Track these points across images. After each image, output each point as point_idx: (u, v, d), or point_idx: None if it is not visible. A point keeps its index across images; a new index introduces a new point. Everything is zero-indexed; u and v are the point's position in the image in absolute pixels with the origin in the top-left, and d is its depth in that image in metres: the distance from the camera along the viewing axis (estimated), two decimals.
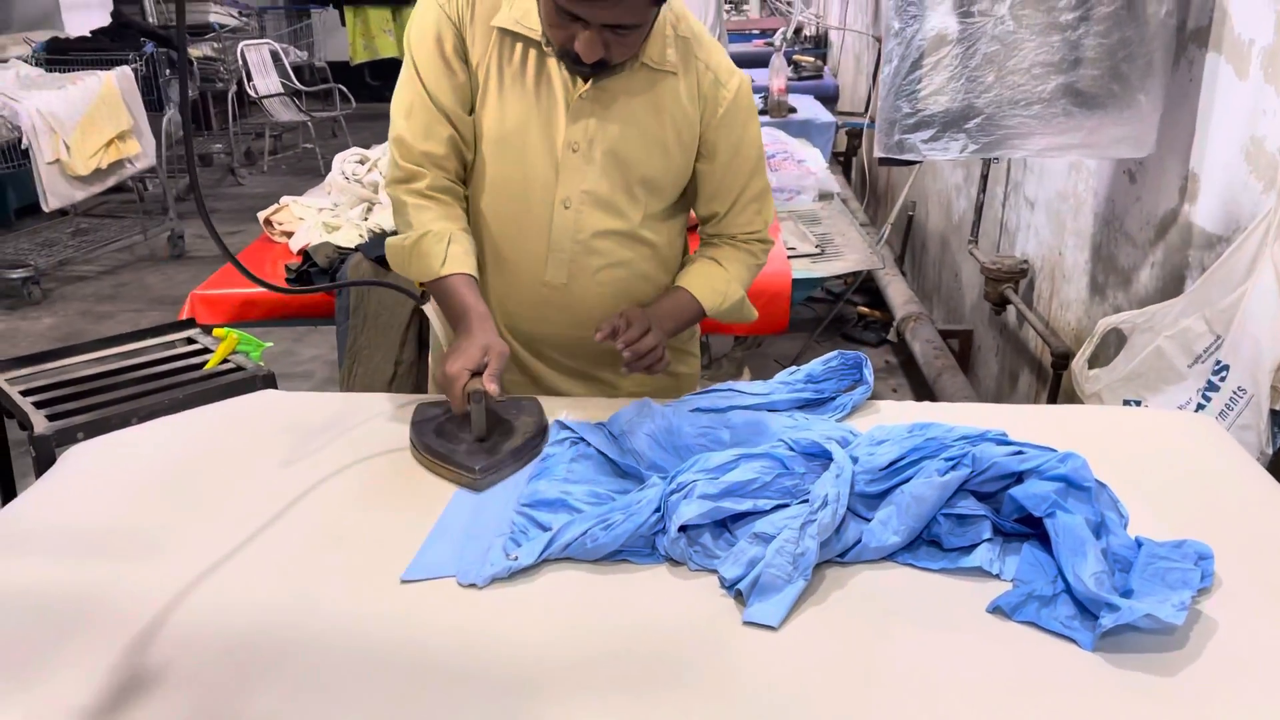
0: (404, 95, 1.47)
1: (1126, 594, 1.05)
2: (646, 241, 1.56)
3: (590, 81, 1.43)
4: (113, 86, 5.11)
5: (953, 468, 1.16)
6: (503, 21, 1.42)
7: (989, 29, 1.86)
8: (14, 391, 1.58)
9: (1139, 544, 1.11)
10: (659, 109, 1.47)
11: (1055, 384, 2.53)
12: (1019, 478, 1.15)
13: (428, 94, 1.44)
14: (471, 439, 1.30)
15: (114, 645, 1.00)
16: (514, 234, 1.52)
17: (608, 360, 1.59)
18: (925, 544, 1.16)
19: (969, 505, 1.15)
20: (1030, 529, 1.15)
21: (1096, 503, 1.13)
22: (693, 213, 1.65)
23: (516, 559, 1.11)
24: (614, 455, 1.31)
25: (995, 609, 1.05)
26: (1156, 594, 1.04)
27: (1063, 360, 2.45)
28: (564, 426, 1.37)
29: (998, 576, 1.11)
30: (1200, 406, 1.64)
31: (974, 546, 1.14)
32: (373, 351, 2.26)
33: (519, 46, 1.43)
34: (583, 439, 1.35)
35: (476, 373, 1.31)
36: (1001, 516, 1.16)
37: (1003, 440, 1.22)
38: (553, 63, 1.43)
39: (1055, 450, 1.17)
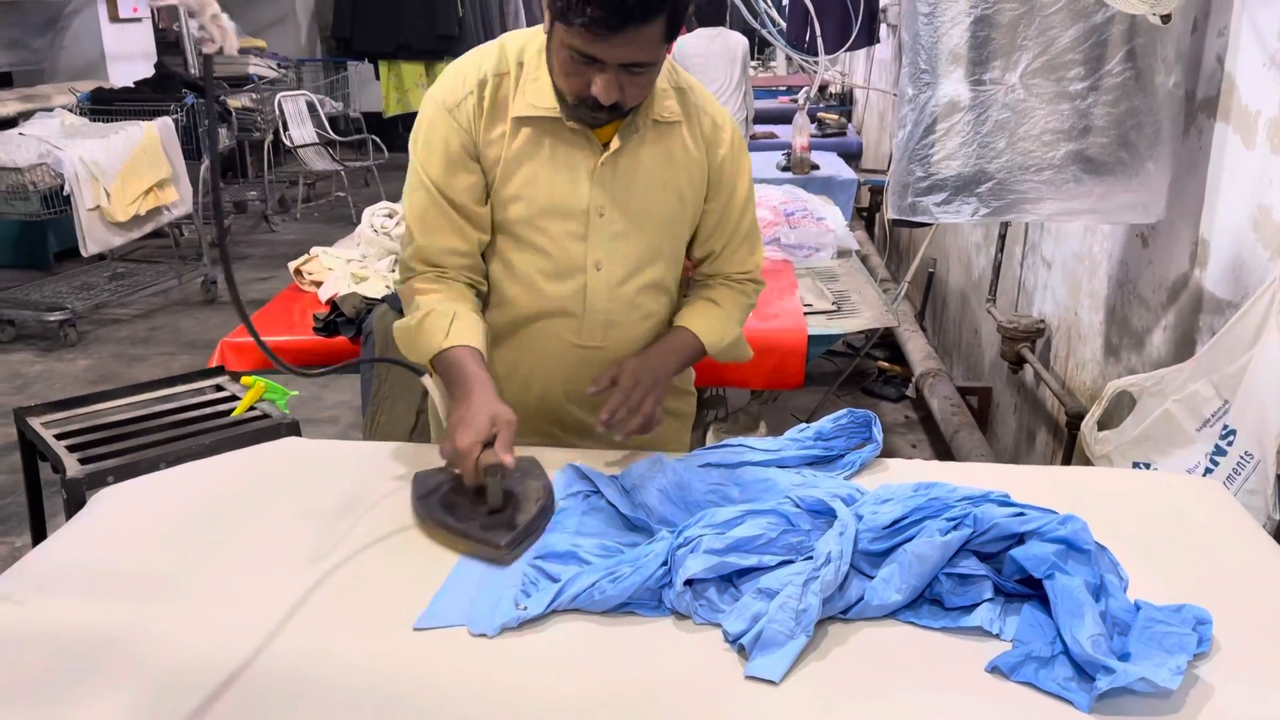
0: (416, 202, 1.51)
1: (1124, 657, 1.06)
2: (668, 289, 1.63)
3: (609, 148, 1.48)
4: (153, 136, 5.26)
5: (955, 528, 1.18)
6: (519, 110, 1.47)
7: (1000, 97, 1.91)
8: (49, 435, 1.63)
9: (1138, 607, 1.13)
10: (671, 159, 1.53)
11: (1071, 444, 2.54)
12: (1020, 539, 1.17)
13: (443, 197, 1.49)
14: (485, 511, 1.30)
15: (134, 685, 1.03)
16: (549, 304, 1.56)
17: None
18: (927, 602, 1.18)
19: (970, 565, 1.17)
20: (1031, 590, 1.17)
21: (1096, 565, 1.15)
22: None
23: (525, 609, 1.14)
24: (625, 509, 1.34)
25: (994, 669, 1.07)
26: (1153, 658, 1.05)
27: (1078, 420, 2.46)
28: (580, 475, 1.41)
29: (998, 636, 1.13)
30: (1208, 470, 1.65)
31: (975, 606, 1.16)
32: (395, 401, 2.30)
33: (537, 128, 1.48)
34: (596, 490, 1.38)
35: (488, 444, 1.30)
36: (1002, 577, 1.18)
37: (1005, 501, 1.24)
38: (571, 134, 1.48)
39: (1056, 512, 1.20)
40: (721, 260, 1.66)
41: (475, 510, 1.30)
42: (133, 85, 6.52)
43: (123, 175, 5.02)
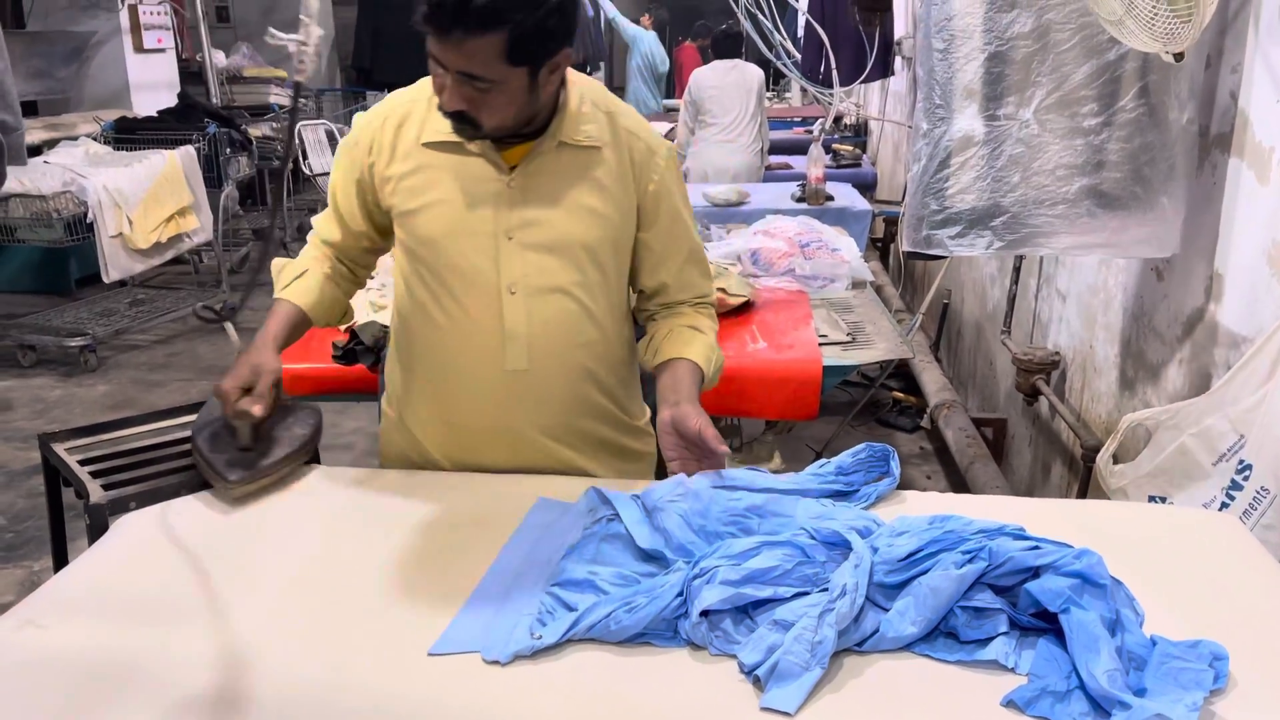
0: (329, 196, 1.68)
1: (1140, 693, 1.06)
2: (595, 315, 1.60)
3: (515, 170, 1.50)
4: (176, 164, 5.33)
5: (970, 560, 1.18)
6: (429, 136, 1.53)
7: (1014, 132, 1.93)
8: (73, 461, 1.66)
9: (1153, 642, 1.13)
10: (587, 183, 1.54)
11: (1086, 477, 2.53)
12: (1035, 572, 1.18)
13: (336, 198, 1.65)
14: (236, 447, 1.47)
15: (154, 711, 1.05)
16: (468, 329, 1.57)
17: (580, 444, 1.64)
18: (942, 635, 1.18)
19: (986, 598, 1.18)
20: (1046, 624, 1.17)
21: (1112, 600, 1.15)
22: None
23: (540, 638, 1.15)
24: (642, 540, 1.34)
25: (1009, 703, 1.07)
26: (1169, 694, 1.05)
27: (1093, 453, 2.46)
28: (603, 499, 1.42)
29: (1013, 670, 1.13)
30: (1224, 505, 1.65)
31: (990, 639, 1.16)
32: None
33: (444, 153, 1.52)
34: (616, 516, 1.39)
35: (248, 390, 1.48)
36: (1018, 610, 1.18)
37: (1020, 535, 1.24)
38: (477, 160, 1.51)
39: (1071, 546, 1.20)
40: (675, 289, 1.67)
41: (230, 445, 1.48)
42: (156, 115, 6.62)
43: (145, 203, 5.09)
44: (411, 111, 1.55)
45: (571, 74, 1.54)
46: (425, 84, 1.55)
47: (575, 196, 1.53)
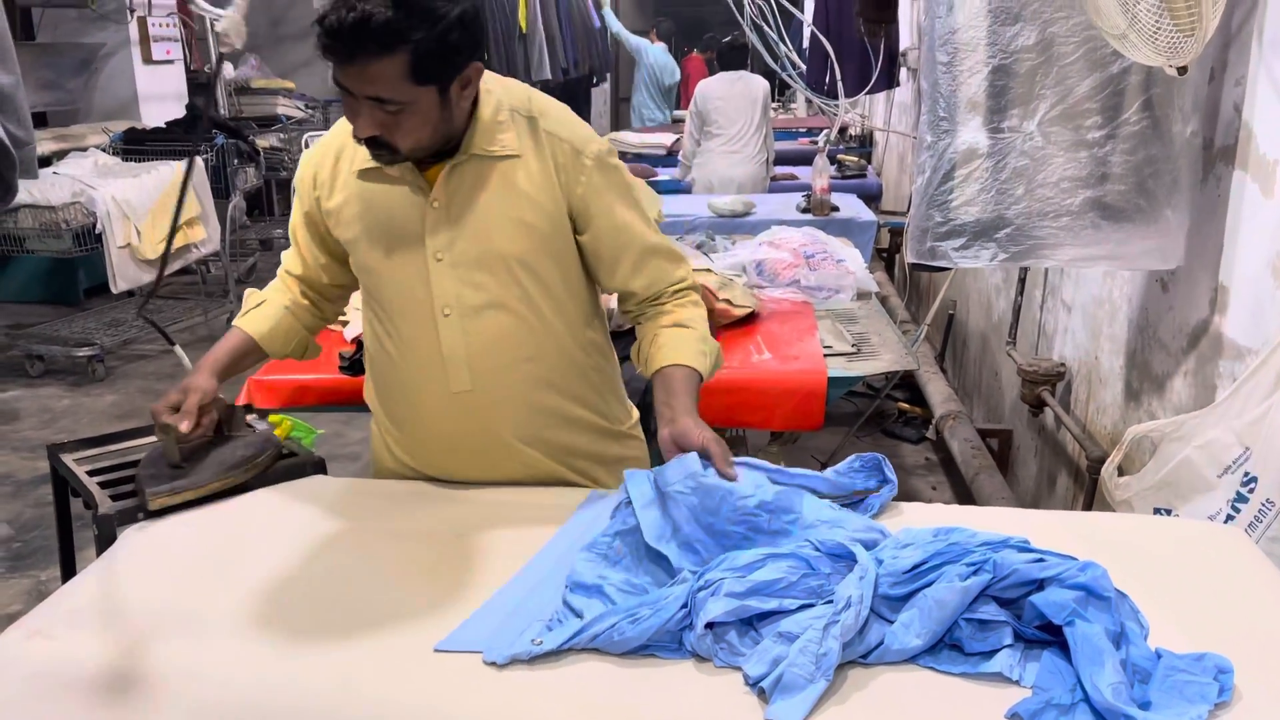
0: (291, 230, 1.71)
1: (1144, 705, 1.06)
2: (537, 325, 1.56)
3: (435, 188, 1.50)
4: (184, 175, 5.36)
5: (974, 573, 1.19)
6: (358, 165, 1.54)
7: (1018, 144, 1.93)
8: (81, 471, 1.67)
9: (1158, 655, 1.13)
10: (510, 192, 1.50)
11: (1092, 488, 2.53)
12: (1040, 585, 1.18)
13: (295, 233, 1.69)
14: (166, 466, 1.53)
15: None
16: (411, 352, 1.58)
17: (560, 455, 1.63)
18: (947, 648, 1.18)
19: (990, 611, 1.18)
20: (1051, 636, 1.17)
21: (1117, 613, 1.15)
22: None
23: (540, 644, 1.15)
24: (651, 524, 1.34)
25: (1014, 715, 1.07)
26: (1174, 706, 1.06)
27: (1099, 464, 2.45)
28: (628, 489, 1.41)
29: (1018, 683, 1.13)
30: (1229, 518, 1.65)
31: (995, 652, 1.16)
32: None
33: (370, 180, 1.54)
34: (629, 503, 1.39)
35: (176, 409, 1.54)
36: (1023, 623, 1.18)
37: (1024, 547, 1.24)
38: (397, 183, 1.52)
39: (1076, 559, 1.20)
40: (643, 286, 1.61)
41: (163, 464, 1.54)
42: (164, 125, 6.66)
43: (153, 213, 5.11)
44: (346, 142, 1.53)
45: (490, 81, 1.51)
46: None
47: (498, 209, 1.51)
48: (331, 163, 1.57)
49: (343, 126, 1.53)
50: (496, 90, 1.53)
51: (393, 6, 1.30)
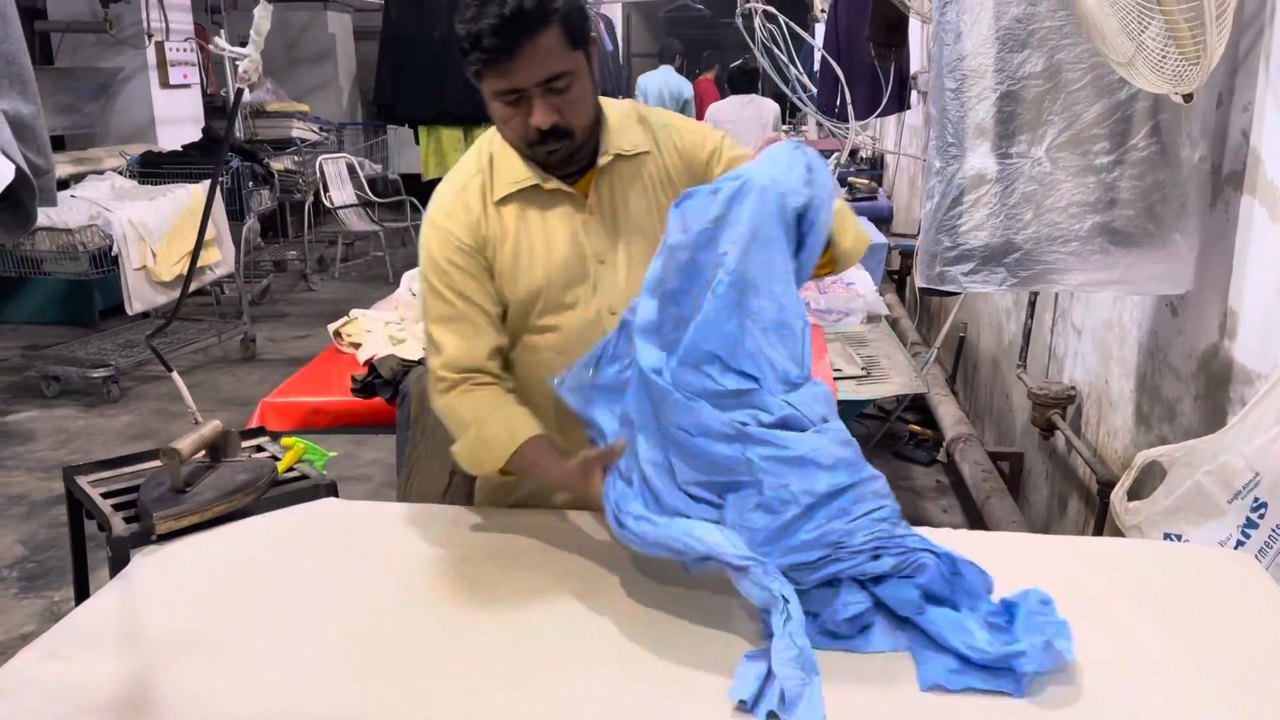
0: (433, 312, 1.55)
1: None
2: None
3: (589, 198, 1.54)
4: (199, 198, 5.41)
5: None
6: (500, 193, 1.54)
7: (1027, 169, 1.94)
8: (96, 494, 1.68)
9: (1006, 605, 1.24)
10: (651, 185, 1.57)
11: (1103, 512, 2.52)
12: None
13: (461, 301, 1.53)
14: (170, 489, 1.56)
15: None
16: (575, 359, 1.55)
17: None
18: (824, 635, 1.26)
19: (856, 598, 1.25)
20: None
21: (957, 586, 1.25)
22: None
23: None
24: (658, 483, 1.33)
25: (934, 686, 1.16)
26: (1045, 635, 1.17)
27: (1109, 488, 2.45)
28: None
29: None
30: (1240, 543, 1.65)
31: (868, 628, 1.25)
32: (429, 461, 2.34)
33: (520, 203, 1.54)
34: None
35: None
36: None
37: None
38: (551, 196, 1.54)
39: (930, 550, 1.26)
40: None
41: (162, 487, 1.57)
42: (180, 149, 6.72)
43: (169, 236, 5.16)
44: (481, 183, 1.56)
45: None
46: (469, 159, 1.59)
47: (647, 203, 1.57)
48: (478, 206, 1.55)
49: (462, 175, 1.57)
50: (610, 102, 1.61)
51: None
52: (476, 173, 1.57)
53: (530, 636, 1.26)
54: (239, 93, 1.37)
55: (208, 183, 5.51)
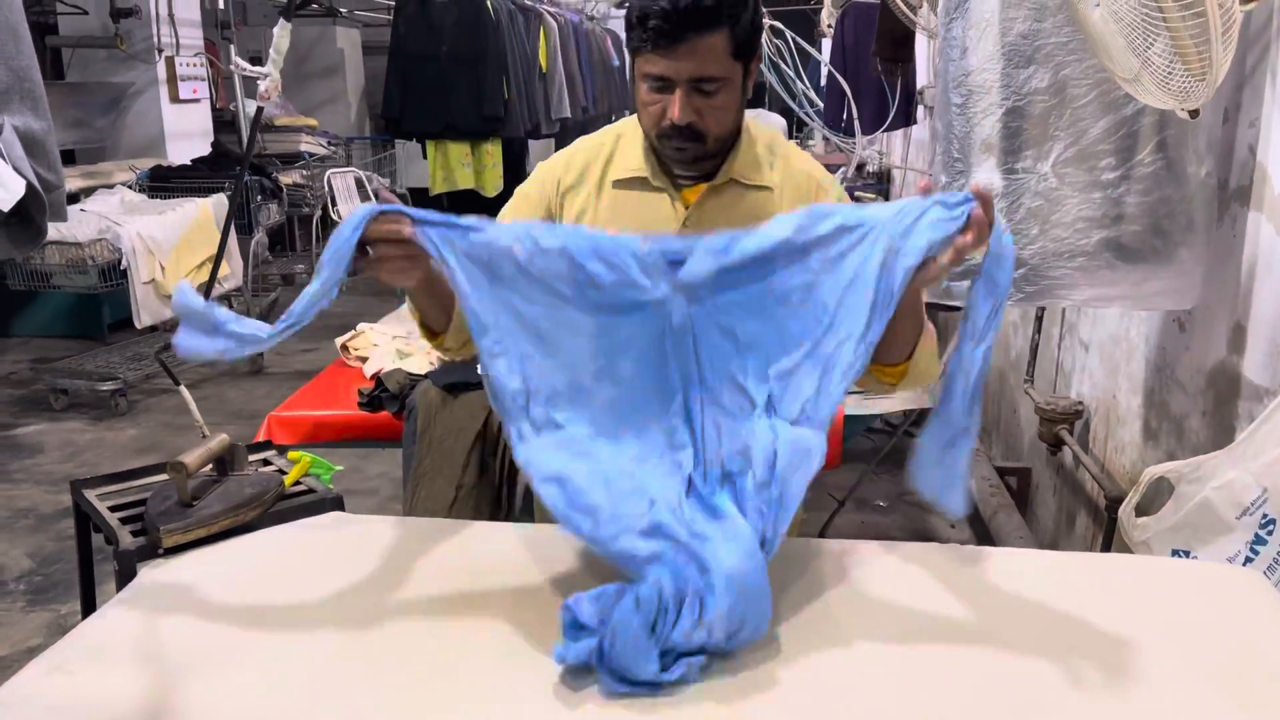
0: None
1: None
2: None
3: (691, 207, 1.54)
4: (208, 212, 5.44)
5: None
6: (614, 175, 1.57)
7: (1032, 185, 1.94)
8: (103, 507, 1.68)
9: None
10: (753, 220, 1.50)
11: (1111, 528, 2.51)
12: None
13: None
14: (176, 503, 1.55)
15: None
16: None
17: None
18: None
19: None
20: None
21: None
22: None
23: None
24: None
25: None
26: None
27: (1117, 504, 2.43)
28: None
29: None
30: (1248, 560, 1.64)
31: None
32: (435, 475, 2.34)
33: (625, 190, 1.56)
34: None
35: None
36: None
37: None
38: (656, 194, 1.55)
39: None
40: None
41: (174, 503, 1.56)
42: (190, 163, 6.76)
43: (178, 250, 5.19)
44: (598, 154, 1.59)
45: (747, 117, 1.57)
46: (606, 132, 1.62)
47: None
48: (579, 171, 1.59)
49: (593, 140, 1.62)
50: (753, 125, 1.59)
51: None
52: (600, 143, 1.60)
53: (537, 651, 1.26)
54: (259, 111, 1.37)
55: (216, 197, 5.56)
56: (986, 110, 1.97)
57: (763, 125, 1.64)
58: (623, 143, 1.59)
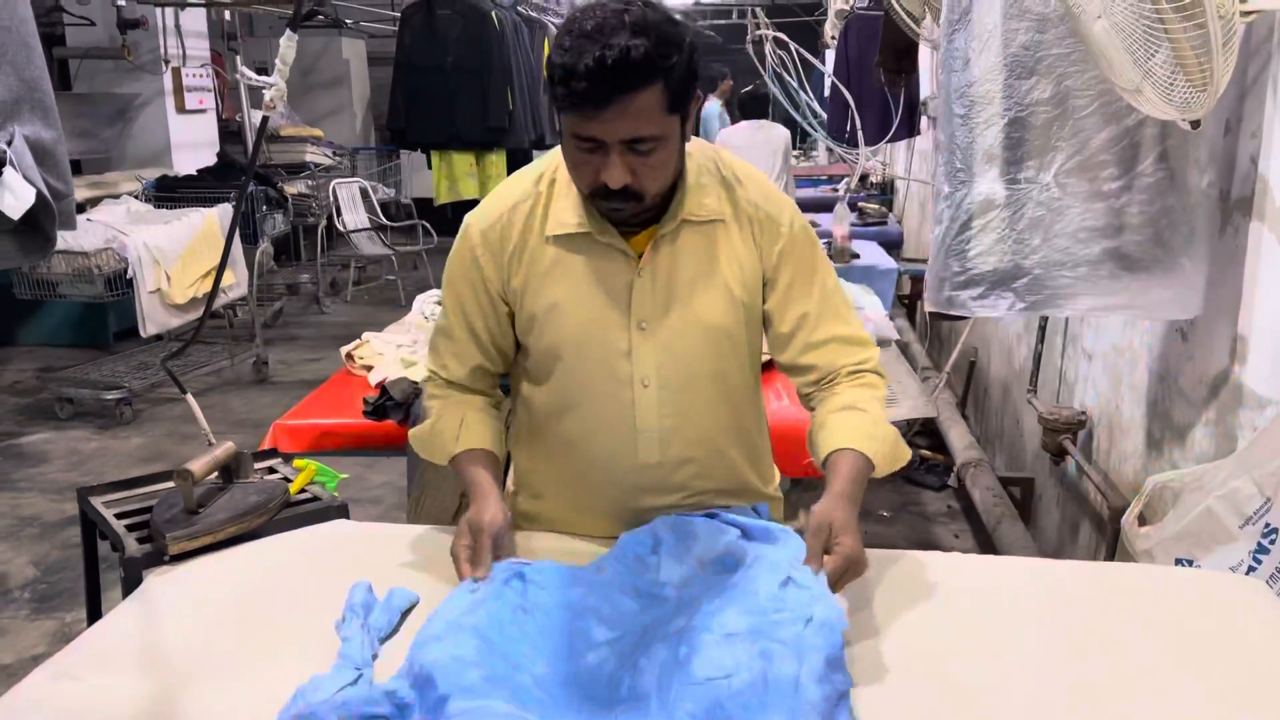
0: (443, 317, 1.57)
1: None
2: (729, 396, 1.54)
3: (643, 257, 1.44)
4: (214, 222, 5.46)
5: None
6: (550, 229, 1.45)
7: (1035, 195, 1.95)
8: (109, 514, 1.69)
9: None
10: (715, 259, 1.46)
11: (1115, 537, 2.51)
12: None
13: (465, 322, 1.54)
14: (182, 510, 1.57)
15: None
16: (597, 426, 1.51)
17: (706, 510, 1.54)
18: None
19: None
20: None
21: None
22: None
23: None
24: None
25: None
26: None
27: (1120, 514, 2.44)
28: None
29: None
30: (1251, 569, 1.64)
31: None
32: (439, 485, 2.35)
33: (567, 247, 1.46)
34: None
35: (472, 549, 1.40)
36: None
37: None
38: (604, 249, 1.45)
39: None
40: (819, 367, 1.53)
41: (175, 508, 1.58)
42: (196, 173, 6.80)
43: (183, 259, 5.21)
44: (530, 208, 1.48)
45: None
46: (527, 176, 1.51)
47: (706, 276, 1.46)
48: (519, 231, 1.47)
49: (516, 190, 1.50)
50: (694, 151, 1.48)
51: (643, 36, 1.25)
52: (532, 194, 1.48)
53: None
54: (264, 121, 1.39)
55: (222, 207, 5.58)
56: (989, 121, 1.98)
57: (704, 147, 1.53)
58: (557, 190, 1.47)
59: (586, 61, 1.24)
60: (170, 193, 6.23)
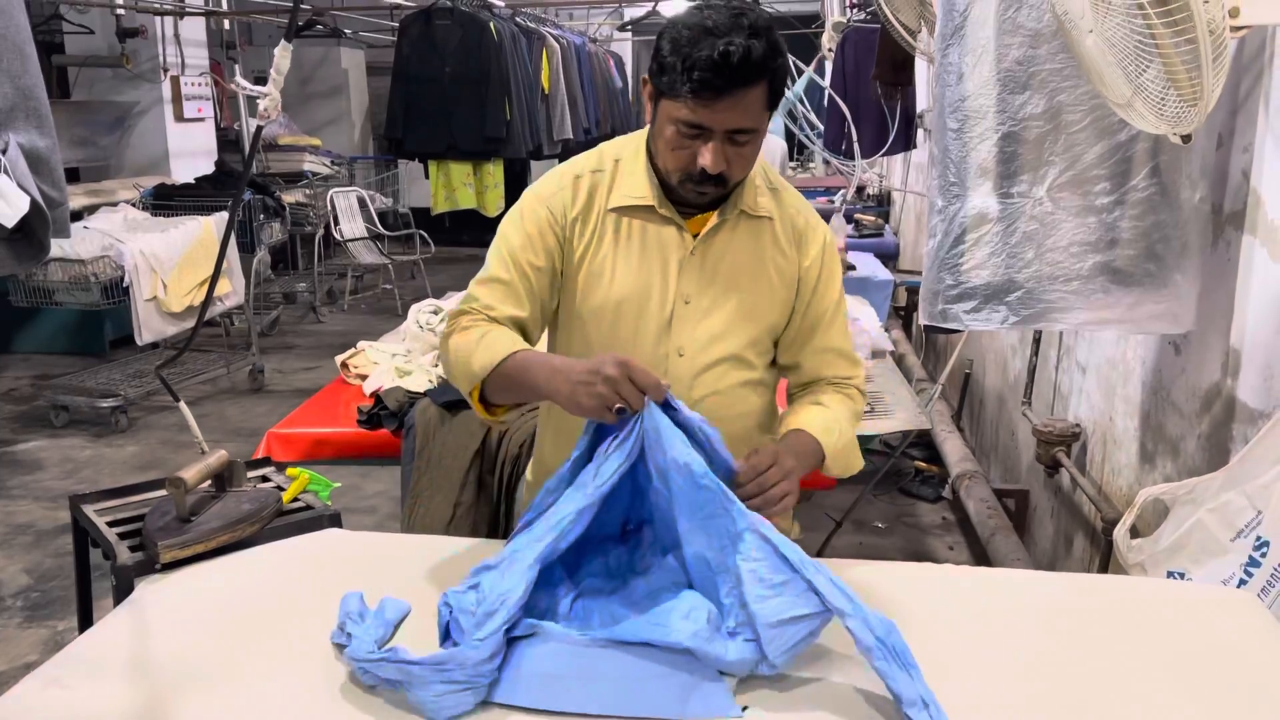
0: (490, 267, 1.57)
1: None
2: (757, 382, 1.62)
3: (699, 237, 1.54)
4: (211, 231, 5.46)
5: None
6: (615, 202, 1.55)
7: (1028, 209, 1.96)
8: (101, 522, 1.69)
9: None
10: (761, 252, 1.58)
11: (1108, 550, 2.51)
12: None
13: (515, 268, 1.54)
14: (175, 518, 1.56)
15: None
16: None
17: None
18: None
19: None
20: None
21: None
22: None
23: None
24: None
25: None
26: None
27: (1114, 526, 2.44)
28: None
29: None
30: (1242, 582, 1.64)
31: None
32: (434, 493, 2.35)
33: (629, 218, 1.55)
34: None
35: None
36: None
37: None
38: (662, 222, 1.55)
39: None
40: (811, 370, 1.65)
41: (167, 516, 1.57)
42: (193, 182, 6.80)
43: (180, 267, 5.21)
44: (597, 181, 1.57)
45: None
46: (591, 154, 1.60)
47: (752, 265, 1.57)
48: (585, 198, 1.56)
49: (589, 162, 1.58)
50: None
51: (759, 38, 1.37)
52: (597, 169, 1.57)
53: None
54: (258, 130, 1.40)
55: (219, 215, 5.59)
56: (982, 135, 1.99)
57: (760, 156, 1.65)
58: (622, 167, 1.58)
59: (714, 54, 1.34)
60: (168, 201, 6.23)
